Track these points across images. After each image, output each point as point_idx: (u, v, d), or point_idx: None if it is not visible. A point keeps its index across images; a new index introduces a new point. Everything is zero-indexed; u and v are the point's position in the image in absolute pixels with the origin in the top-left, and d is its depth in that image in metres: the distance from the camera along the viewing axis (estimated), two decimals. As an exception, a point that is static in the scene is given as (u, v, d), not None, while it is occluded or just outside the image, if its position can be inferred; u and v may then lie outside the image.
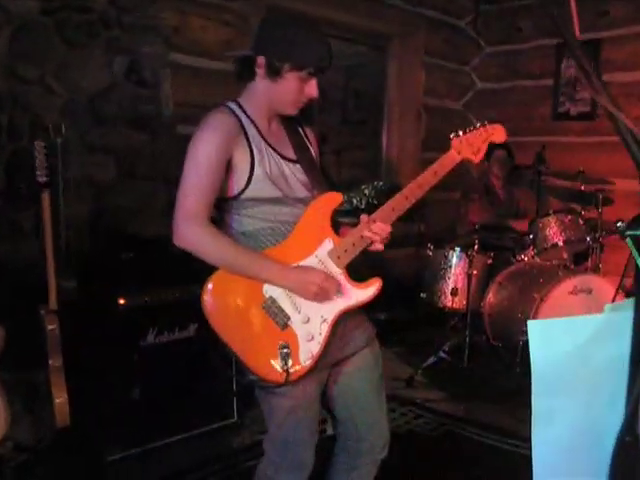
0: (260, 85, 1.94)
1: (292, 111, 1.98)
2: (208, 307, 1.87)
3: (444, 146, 2.00)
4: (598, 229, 4.18)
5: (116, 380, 2.86)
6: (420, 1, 5.37)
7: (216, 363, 3.08)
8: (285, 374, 1.84)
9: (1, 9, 3.33)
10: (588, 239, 4.17)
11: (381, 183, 5.08)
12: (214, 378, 3.17)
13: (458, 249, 4.28)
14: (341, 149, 5.70)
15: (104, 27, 3.66)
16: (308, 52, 1.87)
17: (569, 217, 4.22)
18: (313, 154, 2.11)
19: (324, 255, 1.92)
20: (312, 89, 1.93)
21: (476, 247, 4.19)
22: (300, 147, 2.06)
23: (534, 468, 1.10)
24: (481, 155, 2.03)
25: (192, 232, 1.84)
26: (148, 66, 3.82)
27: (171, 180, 3.92)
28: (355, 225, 1.97)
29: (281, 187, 1.94)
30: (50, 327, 2.49)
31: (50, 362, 2.48)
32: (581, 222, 4.24)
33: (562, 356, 1.09)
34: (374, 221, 1.93)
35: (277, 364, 1.85)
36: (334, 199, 1.98)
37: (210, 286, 1.88)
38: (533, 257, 4.27)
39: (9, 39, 3.37)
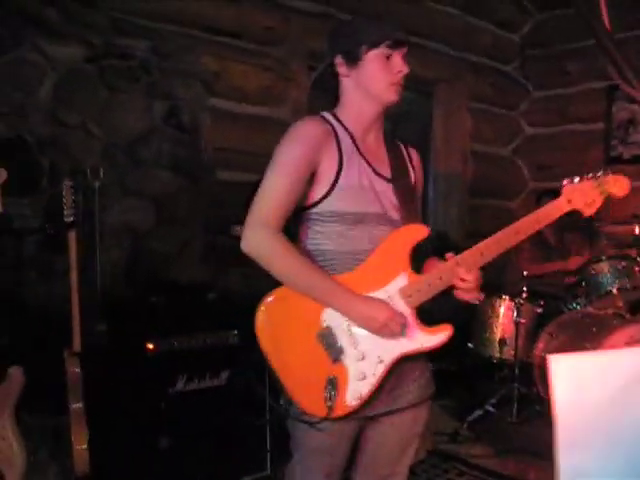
0: (348, 84, 1.85)
1: (391, 95, 1.82)
2: (261, 321, 1.75)
3: (492, 192, 1.87)
4: (655, 276, 3.95)
5: (143, 428, 2.75)
6: (466, 46, 5.31)
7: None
8: (327, 410, 1.70)
9: (47, 57, 3.40)
10: (645, 286, 3.93)
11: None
12: (246, 428, 3.04)
13: (506, 297, 4.10)
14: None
15: (145, 72, 3.69)
16: (378, 28, 1.80)
17: (623, 263, 3.99)
18: (412, 178, 1.96)
19: (394, 291, 1.76)
20: (398, 63, 1.80)
21: (525, 295, 4.01)
22: (398, 167, 1.91)
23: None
24: (594, 209, 1.83)
25: (260, 238, 1.72)
26: (187, 111, 3.83)
27: (210, 226, 3.94)
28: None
29: (368, 202, 1.79)
30: (71, 370, 2.41)
31: (70, 407, 2.40)
32: (637, 269, 4.00)
33: (594, 401, 0.90)
34: (458, 264, 1.76)
35: (321, 398, 1.71)
36: (419, 232, 1.80)
37: (270, 299, 1.76)
38: (586, 306, 4.05)
39: (54, 86, 3.43)
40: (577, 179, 1.84)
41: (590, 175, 1.85)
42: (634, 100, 4.82)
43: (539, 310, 4.11)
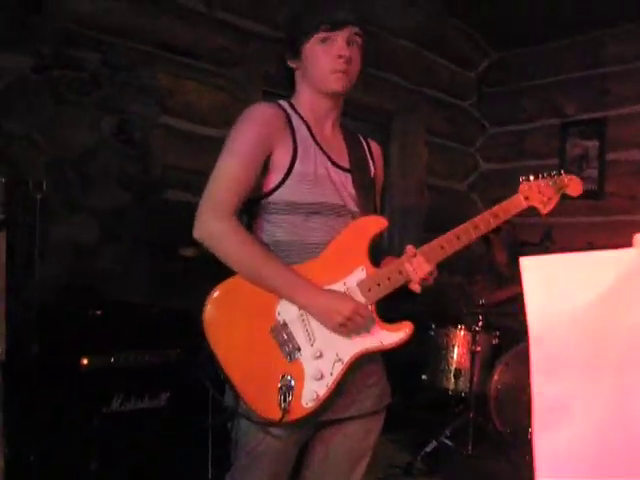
0: (298, 75, 1.82)
1: (331, 84, 1.74)
2: (208, 317, 1.62)
3: (446, 226, 1.82)
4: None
5: (72, 449, 2.54)
6: (423, 81, 5.33)
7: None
8: (282, 412, 1.57)
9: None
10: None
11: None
12: (186, 455, 2.85)
13: (462, 327, 4.02)
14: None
15: (95, 86, 3.57)
16: (312, 15, 1.71)
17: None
18: (372, 170, 1.89)
19: (353, 285, 1.66)
20: (337, 46, 1.71)
21: (481, 324, 3.93)
22: (357, 158, 1.84)
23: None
24: (551, 207, 1.84)
25: (215, 224, 1.61)
26: (138, 127, 3.71)
27: (156, 245, 3.78)
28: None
29: (325, 192, 1.71)
30: (-11, 379, 2.22)
31: (-11, 419, 2.20)
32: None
33: (576, 314, 0.77)
34: (415, 255, 1.70)
35: (275, 399, 1.58)
36: (378, 223, 1.74)
37: (217, 293, 1.63)
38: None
39: (-2, 94, 3.29)
40: (533, 177, 1.85)
41: (546, 174, 1.87)
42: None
43: (495, 341, 4.04)
